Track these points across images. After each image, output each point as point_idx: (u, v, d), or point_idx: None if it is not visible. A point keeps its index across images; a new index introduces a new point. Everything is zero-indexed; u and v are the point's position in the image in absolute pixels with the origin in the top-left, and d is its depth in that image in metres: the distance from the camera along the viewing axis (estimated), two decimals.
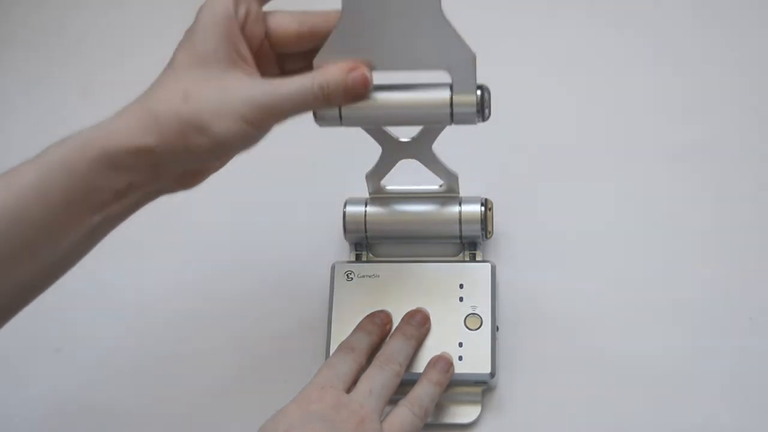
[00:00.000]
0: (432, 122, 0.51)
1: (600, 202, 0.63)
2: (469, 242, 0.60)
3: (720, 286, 0.60)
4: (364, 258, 0.61)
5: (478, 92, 0.48)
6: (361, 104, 0.48)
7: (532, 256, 0.61)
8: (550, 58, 0.71)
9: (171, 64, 0.47)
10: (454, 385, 0.55)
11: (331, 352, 0.55)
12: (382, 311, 0.57)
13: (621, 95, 0.69)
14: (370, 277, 0.59)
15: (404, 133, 0.54)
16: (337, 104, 0.48)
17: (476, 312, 0.56)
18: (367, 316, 0.56)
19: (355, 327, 0.56)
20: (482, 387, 0.56)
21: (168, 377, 0.60)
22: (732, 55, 0.69)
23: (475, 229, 0.59)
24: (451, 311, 0.57)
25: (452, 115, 0.48)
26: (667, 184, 0.64)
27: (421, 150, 0.55)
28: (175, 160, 0.45)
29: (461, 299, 0.57)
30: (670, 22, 0.71)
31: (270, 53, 0.50)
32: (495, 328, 0.56)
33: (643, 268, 0.60)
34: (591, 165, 0.65)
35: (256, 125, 0.45)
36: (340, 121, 0.49)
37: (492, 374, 0.55)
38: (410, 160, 0.56)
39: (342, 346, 0.54)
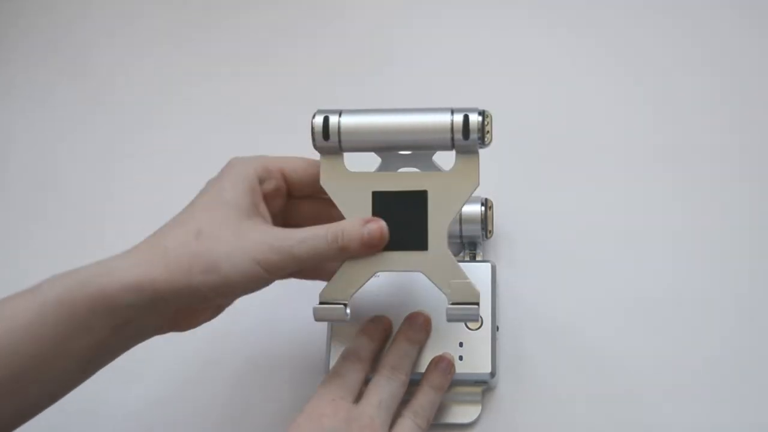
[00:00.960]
0: (432, 148, 0.51)
1: (600, 202, 0.63)
2: (469, 242, 0.60)
3: (725, 286, 0.59)
4: None
5: (479, 118, 0.48)
6: (361, 130, 0.49)
7: (532, 256, 0.61)
8: (550, 58, 0.71)
9: (190, 205, 0.48)
10: (455, 385, 0.55)
11: (332, 355, 0.55)
12: (383, 317, 0.56)
13: (622, 96, 0.69)
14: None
15: None
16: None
17: None
18: (369, 320, 0.56)
19: (357, 331, 0.55)
20: (482, 387, 0.56)
21: (167, 378, 0.60)
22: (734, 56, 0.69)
23: (476, 229, 0.59)
24: None
25: (453, 141, 0.48)
26: (668, 185, 0.64)
27: (421, 160, 0.54)
28: (177, 295, 0.45)
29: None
30: (670, 22, 0.71)
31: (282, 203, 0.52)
32: (495, 328, 0.56)
33: (644, 267, 0.60)
34: (591, 165, 0.65)
35: (269, 270, 0.46)
36: (340, 148, 0.50)
37: (492, 374, 0.55)
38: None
39: (348, 354, 0.53)
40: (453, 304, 0.50)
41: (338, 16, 0.77)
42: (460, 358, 0.55)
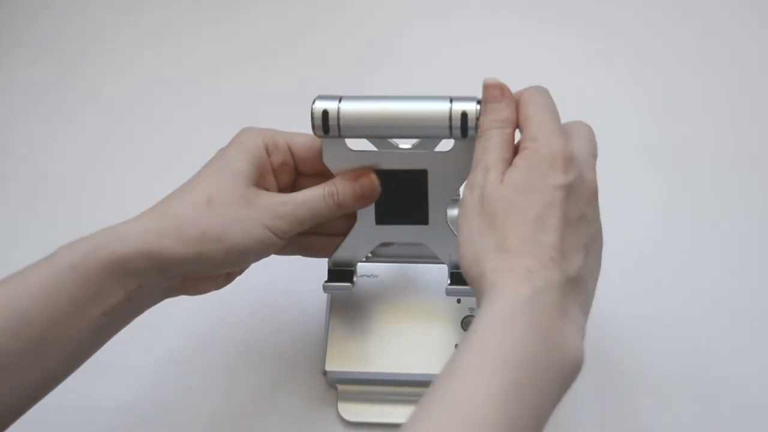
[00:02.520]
0: (430, 136, 0.51)
1: (600, 202, 0.63)
2: None
3: (731, 289, 0.60)
4: None
5: (477, 106, 0.49)
6: (360, 117, 0.49)
7: None
8: (551, 58, 0.72)
9: (198, 173, 0.49)
10: None
11: (328, 353, 0.56)
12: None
13: (622, 96, 0.69)
14: (369, 277, 0.59)
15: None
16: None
17: (473, 314, 0.56)
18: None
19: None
20: None
21: (166, 376, 0.60)
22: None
23: None
24: (449, 312, 0.57)
25: (451, 129, 0.49)
26: (669, 184, 0.64)
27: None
28: (188, 262, 0.46)
29: (459, 301, 0.57)
30: (670, 22, 0.72)
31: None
32: None
33: (644, 268, 0.60)
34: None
35: (278, 234, 0.48)
36: (339, 135, 0.50)
37: None
38: None
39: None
40: (452, 284, 0.53)
41: (336, 10, 0.77)
42: None
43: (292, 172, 0.53)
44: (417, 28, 0.76)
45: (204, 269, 0.48)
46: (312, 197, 0.50)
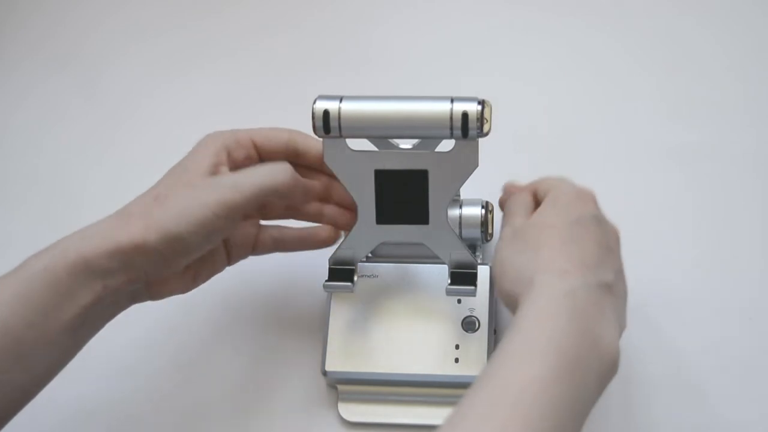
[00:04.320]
0: (431, 136, 0.51)
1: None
2: (469, 244, 0.60)
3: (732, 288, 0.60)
4: None
5: (478, 107, 0.49)
6: (361, 117, 0.49)
7: None
8: (551, 59, 0.72)
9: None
10: (450, 387, 0.55)
11: (328, 353, 0.56)
12: None
13: (622, 97, 0.69)
14: (369, 277, 0.59)
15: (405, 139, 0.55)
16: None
17: (474, 314, 0.56)
18: None
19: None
20: None
21: (165, 376, 0.60)
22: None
23: (476, 232, 0.59)
24: (449, 312, 0.57)
25: (452, 129, 0.49)
26: (670, 187, 0.64)
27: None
28: (141, 256, 0.47)
29: (459, 301, 0.57)
30: (670, 23, 0.72)
31: None
32: (492, 331, 0.56)
33: (643, 269, 0.60)
34: (592, 167, 0.66)
35: (218, 212, 0.48)
36: (340, 135, 0.50)
37: None
38: None
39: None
40: (452, 285, 0.53)
41: (329, 5, 0.77)
42: (456, 360, 0.55)
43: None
44: (410, 24, 0.76)
45: (158, 263, 0.48)
46: (259, 168, 0.50)
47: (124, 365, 0.60)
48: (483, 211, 0.59)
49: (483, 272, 0.58)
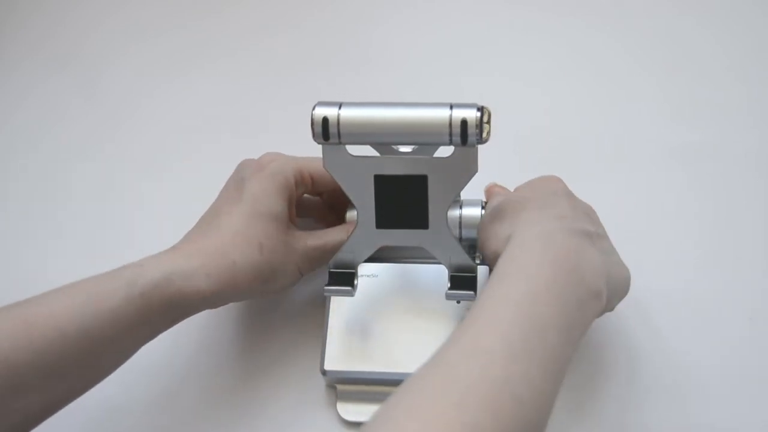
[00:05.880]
0: (430, 143, 0.51)
1: (601, 204, 0.63)
2: (468, 245, 0.60)
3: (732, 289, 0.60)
4: None
5: (477, 113, 0.49)
6: (360, 124, 0.49)
7: None
8: (551, 59, 0.72)
9: (244, 213, 0.53)
10: None
11: (327, 352, 0.56)
12: None
13: (623, 97, 0.69)
14: (368, 277, 0.59)
15: None
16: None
17: None
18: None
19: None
20: None
21: (165, 376, 0.60)
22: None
23: (475, 232, 0.58)
24: (449, 312, 0.57)
25: (451, 136, 0.49)
26: (671, 186, 0.64)
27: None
28: (238, 298, 0.56)
29: (459, 301, 0.57)
30: (670, 23, 0.72)
31: None
32: None
33: (645, 269, 0.60)
34: (592, 167, 0.66)
35: (304, 273, 0.56)
36: (339, 140, 0.50)
37: None
38: None
39: None
40: (452, 289, 0.54)
41: (329, 5, 0.77)
42: None
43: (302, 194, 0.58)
44: (410, 24, 0.76)
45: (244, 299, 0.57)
46: (337, 241, 0.55)
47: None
48: (483, 211, 0.58)
49: (483, 274, 0.57)
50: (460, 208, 0.58)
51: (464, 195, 0.59)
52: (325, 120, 0.50)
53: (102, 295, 0.48)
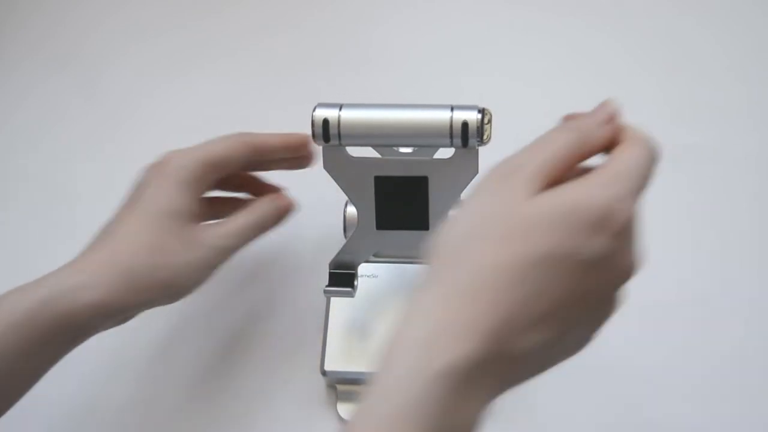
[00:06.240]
0: (431, 145, 0.51)
1: None
2: None
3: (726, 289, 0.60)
4: None
5: (478, 115, 0.49)
6: (361, 126, 0.49)
7: None
8: (551, 59, 0.72)
9: (134, 213, 0.50)
10: None
11: (327, 353, 0.56)
12: None
13: (623, 98, 0.69)
14: (369, 277, 0.59)
15: None
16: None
17: None
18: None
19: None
20: None
21: (165, 376, 0.60)
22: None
23: None
24: None
25: (452, 138, 0.49)
26: (672, 189, 0.64)
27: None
28: (139, 309, 0.50)
29: None
30: (670, 23, 0.72)
31: None
32: None
33: (645, 271, 0.60)
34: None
35: (217, 268, 0.52)
36: (339, 142, 0.50)
37: None
38: None
39: None
40: None
41: (329, 5, 0.77)
42: None
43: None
44: (410, 24, 0.76)
45: (149, 308, 0.50)
46: (244, 227, 0.53)
47: (120, 365, 0.60)
48: None
49: None
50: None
51: (464, 195, 0.59)
52: (325, 121, 0.50)
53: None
